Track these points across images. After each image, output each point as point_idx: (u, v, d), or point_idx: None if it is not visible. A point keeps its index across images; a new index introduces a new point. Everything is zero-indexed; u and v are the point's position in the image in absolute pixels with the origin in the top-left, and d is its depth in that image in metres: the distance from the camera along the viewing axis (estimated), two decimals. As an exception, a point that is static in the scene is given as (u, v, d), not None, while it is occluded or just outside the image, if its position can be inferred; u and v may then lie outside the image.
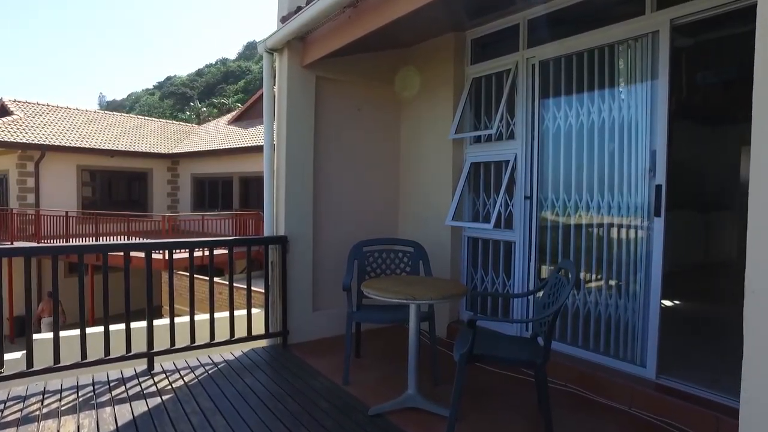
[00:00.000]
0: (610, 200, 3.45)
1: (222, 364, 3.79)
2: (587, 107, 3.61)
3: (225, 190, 18.00)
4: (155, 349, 3.68)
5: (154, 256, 4.17)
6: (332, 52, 3.98)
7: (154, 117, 25.95)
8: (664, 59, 3.10)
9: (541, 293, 3.13)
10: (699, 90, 7.15)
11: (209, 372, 3.63)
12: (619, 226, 3.41)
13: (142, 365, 3.66)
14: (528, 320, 2.63)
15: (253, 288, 4.22)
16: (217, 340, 3.95)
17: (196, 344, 3.84)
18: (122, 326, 3.64)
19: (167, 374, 3.57)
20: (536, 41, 3.93)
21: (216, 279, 10.43)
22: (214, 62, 68.65)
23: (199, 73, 64.62)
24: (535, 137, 3.94)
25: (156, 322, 3.78)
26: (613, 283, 3.45)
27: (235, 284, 4.21)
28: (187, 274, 3.97)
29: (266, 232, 4.37)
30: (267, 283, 4.23)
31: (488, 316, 3.91)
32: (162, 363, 3.73)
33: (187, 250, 4.01)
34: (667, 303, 4.93)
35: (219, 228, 15.25)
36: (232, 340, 4.01)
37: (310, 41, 4.24)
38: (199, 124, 28.39)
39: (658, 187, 3.11)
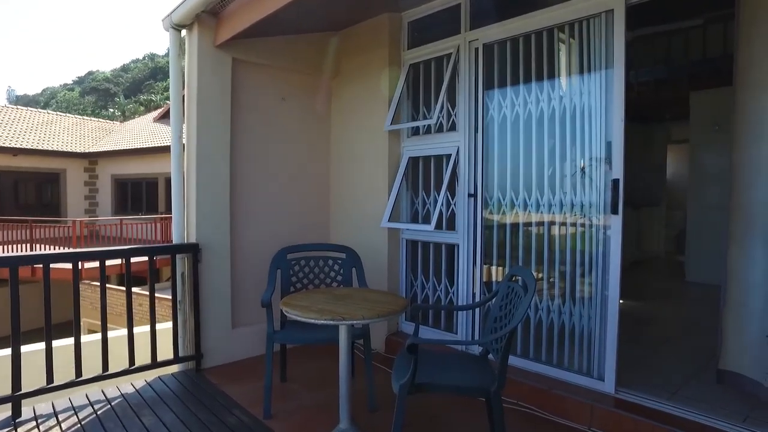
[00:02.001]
0: (562, 197, 3.13)
1: (118, 400, 3.13)
2: (536, 95, 3.28)
3: (150, 192, 16.70)
4: (24, 390, 2.91)
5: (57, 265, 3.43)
6: (250, 28, 3.42)
7: (73, 114, 23.78)
8: (620, 42, 2.79)
9: (491, 303, 2.74)
10: (632, 87, 7.17)
11: (99, 413, 2.96)
12: (573, 225, 3.09)
13: (5, 411, 2.92)
14: (480, 341, 2.21)
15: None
16: (112, 370, 3.28)
17: (82, 378, 3.14)
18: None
19: (39, 422, 2.84)
20: (479, 23, 3.55)
21: (136, 289, 9.49)
22: (141, 57, 64.94)
23: (124, 68, 60.80)
24: (479, 129, 3.57)
25: (28, 348, 3.07)
26: (567, 288, 3.13)
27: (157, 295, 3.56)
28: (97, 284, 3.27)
29: (175, 240, 3.74)
30: (175, 300, 3.60)
31: (433, 339, 3.48)
32: (36, 406, 3.01)
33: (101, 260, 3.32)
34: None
35: (143, 233, 14.07)
36: (131, 369, 3.35)
37: (224, 16, 3.65)
38: (123, 121, 26.49)
39: (615, 182, 2.80)
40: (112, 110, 42.23)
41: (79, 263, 3.33)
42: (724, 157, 6.47)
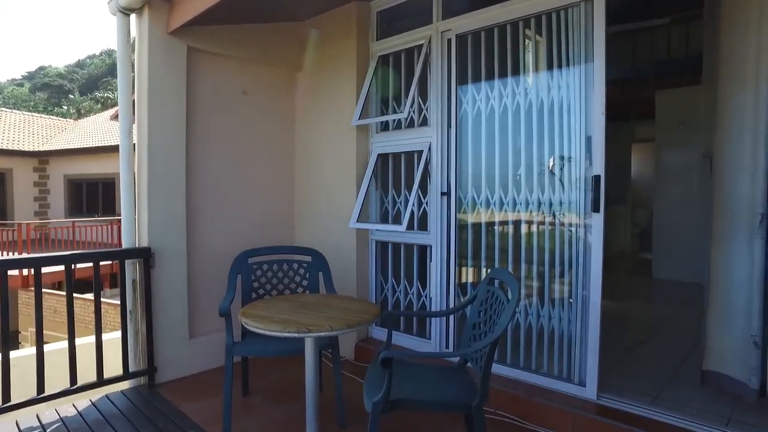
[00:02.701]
0: (540, 194, 2.98)
1: (54, 426, 2.80)
2: (512, 88, 3.13)
3: (106, 193, 15.95)
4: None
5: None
6: (206, 13, 3.15)
7: (22, 111, 22.50)
8: (600, 32, 2.66)
9: (468, 307, 2.56)
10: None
11: (34, 440, 2.65)
12: (552, 224, 2.95)
13: None
14: (461, 353, 2.03)
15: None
16: (51, 390, 2.94)
17: (11, 404, 2.78)
18: None
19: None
20: (453, 12, 3.38)
21: (91, 296, 8.97)
22: (98, 53, 62.41)
23: (80, 64, 58.31)
24: (452, 123, 3.39)
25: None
26: (546, 289, 2.99)
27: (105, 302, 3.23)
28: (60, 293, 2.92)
29: (125, 244, 3.41)
30: (124, 309, 3.29)
31: (409, 353, 3.28)
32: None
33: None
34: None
35: (99, 236, 13.40)
36: (72, 390, 3.02)
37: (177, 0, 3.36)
38: (78, 119, 25.32)
39: (596, 178, 2.67)
40: (66, 108, 40.39)
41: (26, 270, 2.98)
42: (688, 155, 6.60)
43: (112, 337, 3.52)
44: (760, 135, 2.45)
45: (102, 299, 8.24)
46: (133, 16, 3.41)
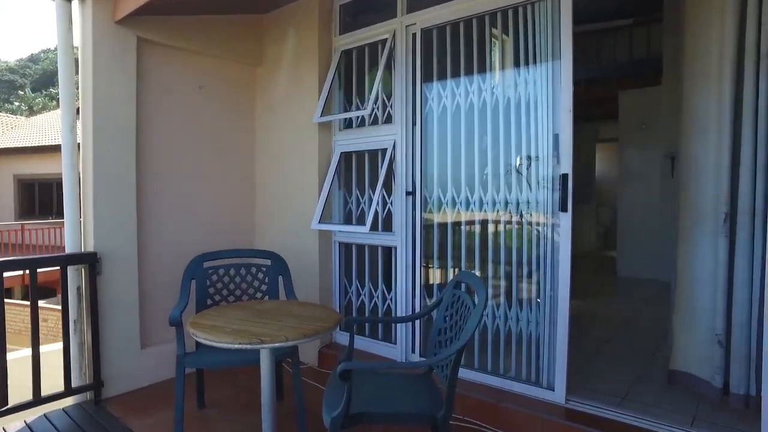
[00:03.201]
0: (507, 193, 2.91)
1: (-14, 448, 2.56)
2: (478, 85, 3.04)
3: (61, 195, 15.22)
4: None
5: None
6: (156, 1, 2.95)
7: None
8: (567, 27, 2.60)
9: (435, 312, 2.45)
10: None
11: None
12: (519, 224, 2.88)
13: None
14: (426, 363, 1.91)
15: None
16: (-17, 408, 2.68)
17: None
18: None
19: None
20: (417, 5, 3.27)
21: (42, 303, 8.49)
22: (53, 47, 59.99)
23: (33, 59, 55.84)
24: (418, 121, 3.29)
25: None
26: (513, 290, 2.91)
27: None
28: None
29: (68, 249, 3.17)
30: (67, 319, 3.05)
31: (370, 365, 3.14)
32: None
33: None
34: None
35: (53, 239, 12.79)
36: (2, 411, 2.75)
37: (123, -13, 3.14)
38: (30, 116, 24.21)
39: (564, 177, 2.61)
40: (17, 104, 38.55)
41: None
42: (651, 155, 6.71)
43: (52, 350, 3.25)
44: (724, 133, 2.43)
45: (51, 306, 7.74)
46: (75, 2, 3.17)
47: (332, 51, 3.78)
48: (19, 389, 2.85)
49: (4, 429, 2.73)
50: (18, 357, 3.95)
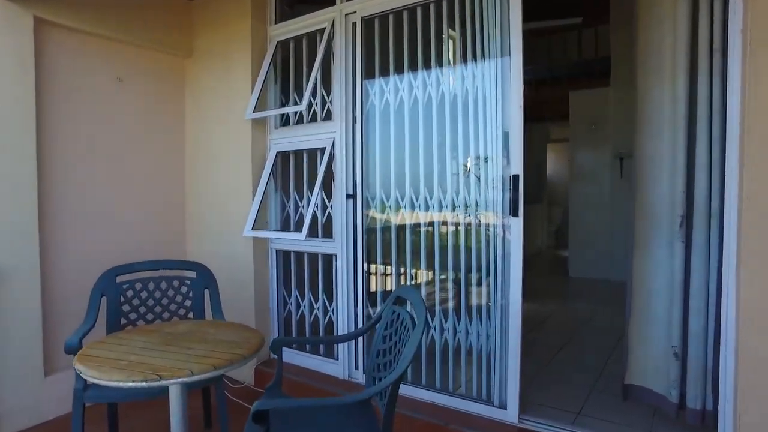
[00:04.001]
0: (454, 195, 2.69)
1: None
2: (423, 78, 2.81)
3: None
4: None
5: None
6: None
7: None
8: (516, 16, 2.40)
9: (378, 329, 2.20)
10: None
11: None
12: (468, 229, 2.66)
13: None
14: (355, 398, 1.64)
15: None
16: None
17: None
18: None
19: None
20: (357, -8, 3.02)
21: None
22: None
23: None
24: (359, 118, 3.02)
25: None
26: (462, 301, 2.70)
27: None
28: None
29: (-46, 262, 2.73)
30: (-52, 346, 2.61)
31: (290, 403, 2.87)
32: None
33: None
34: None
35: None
36: None
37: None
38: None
39: (514, 178, 2.41)
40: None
41: None
42: (600, 155, 6.72)
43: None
44: (679, 131, 2.29)
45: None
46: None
47: (267, 41, 3.47)
48: None
49: None
50: None
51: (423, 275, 2.95)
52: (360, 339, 3.04)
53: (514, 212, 2.39)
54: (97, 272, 2.72)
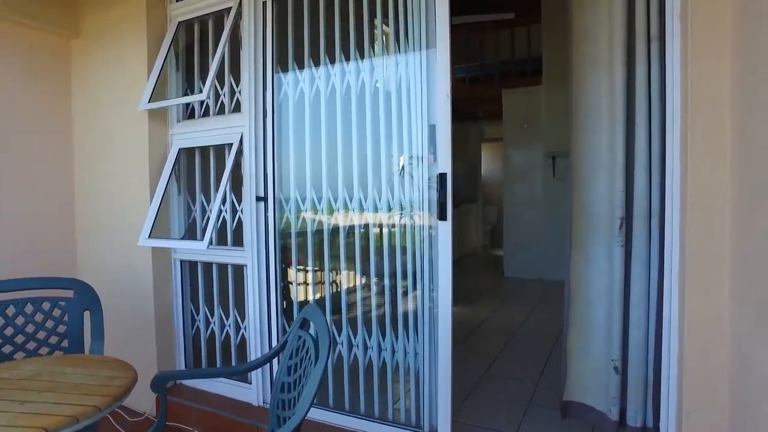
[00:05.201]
0: (376, 197, 2.40)
1: None
2: (341, 66, 2.49)
3: None
4: None
5: None
6: None
7: None
8: (443, 2, 2.14)
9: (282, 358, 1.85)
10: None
11: None
12: (391, 233, 2.38)
13: None
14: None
15: None
16: None
17: None
18: None
19: None
20: (266, -34, 2.66)
21: None
22: None
23: None
24: (270, 110, 2.67)
25: None
26: (386, 316, 2.41)
27: None
28: None
29: None
30: None
31: None
32: None
33: None
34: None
35: None
36: None
37: None
38: None
39: (442, 177, 2.14)
40: None
41: None
42: (533, 154, 6.69)
43: None
44: (618, 124, 2.11)
45: None
46: None
47: (168, 21, 3.03)
48: None
49: None
50: None
51: (344, 283, 2.64)
52: (275, 361, 2.68)
53: (442, 216, 2.12)
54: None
